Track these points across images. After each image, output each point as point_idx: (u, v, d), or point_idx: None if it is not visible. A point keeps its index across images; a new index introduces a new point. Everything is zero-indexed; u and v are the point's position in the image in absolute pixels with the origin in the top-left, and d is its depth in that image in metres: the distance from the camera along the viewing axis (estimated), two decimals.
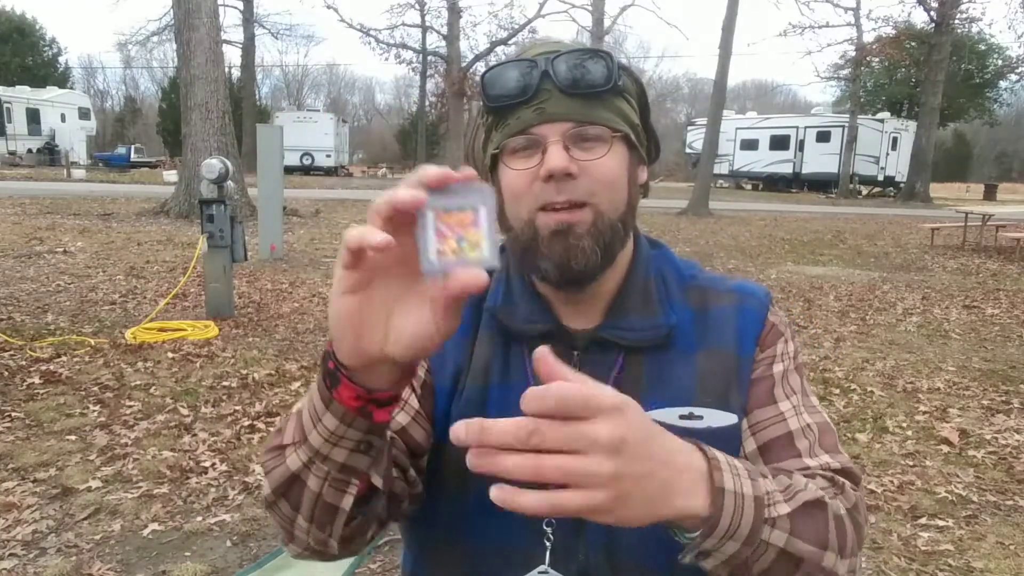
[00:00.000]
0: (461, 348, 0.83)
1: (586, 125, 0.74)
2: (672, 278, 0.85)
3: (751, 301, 0.84)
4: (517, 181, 0.75)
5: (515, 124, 0.75)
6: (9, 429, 3.32)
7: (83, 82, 57.55)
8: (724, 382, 0.79)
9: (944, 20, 24.69)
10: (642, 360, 0.80)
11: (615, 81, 0.74)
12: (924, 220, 16.32)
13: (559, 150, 0.72)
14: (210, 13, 11.59)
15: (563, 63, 0.73)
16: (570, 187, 0.73)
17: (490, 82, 0.76)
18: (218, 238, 5.41)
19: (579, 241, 0.73)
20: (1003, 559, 2.49)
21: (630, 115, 0.77)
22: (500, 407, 0.79)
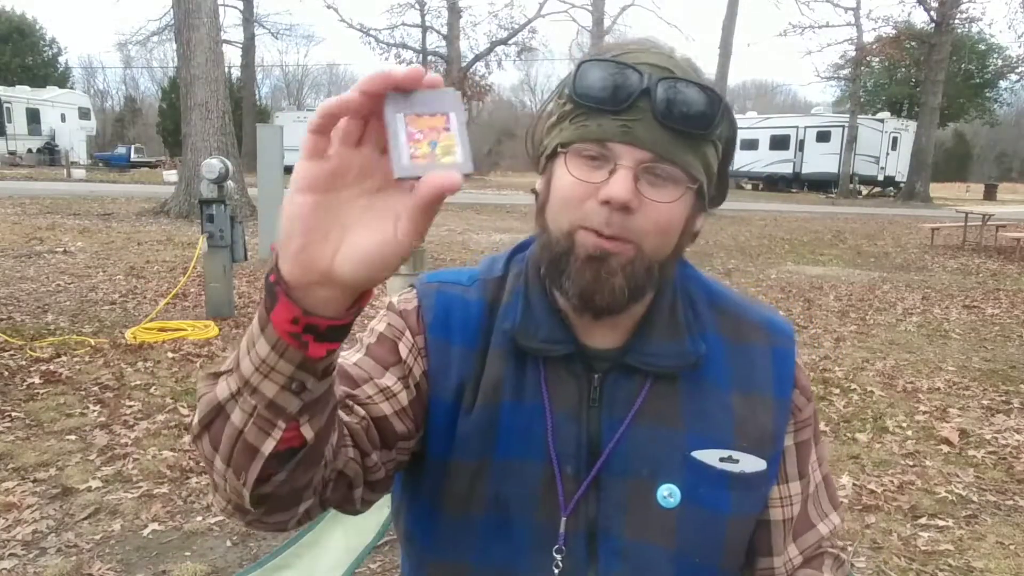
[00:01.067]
0: (468, 362, 0.78)
1: (666, 163, 0.68)
2: (701, 299, 0.82)
3: (782, 341, 0.82)
4: (572, 189, 0.70)
5: (594, 130, 0.68)
6: (9, 429, 3.32)
7: (83, 82, 57.62)
8: (761, 429, 0.78)
9: (944, 20, 24.69)
10: (675, 390, 0.77)
11: (714, 132, 0.69)
12: (924, 220, 16.32)
13: (627, 179, 0.66)
14: (210, 13, 11.59)
15: (669, 88, 0.67)
16: (621, 222, 0.68)
17: (586, 74, 0.69)
18: (218, 238, 5.41)
19: (611, 277, 0.69)
20: (1003, 559, 2.49)
21: (712, 163, 0.72)
22: (511, 426, 0.76)
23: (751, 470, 0.76)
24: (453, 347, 0.78)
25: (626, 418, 0.75)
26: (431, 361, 0.78)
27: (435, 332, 0.79)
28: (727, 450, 0.76)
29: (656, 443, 0.75)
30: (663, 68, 0.68)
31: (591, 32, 29.20)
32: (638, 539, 0.74)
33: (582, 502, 0.75)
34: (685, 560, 0.75)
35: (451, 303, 0.80)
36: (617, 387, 0.76)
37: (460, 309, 0.80)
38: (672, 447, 0.75)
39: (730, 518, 0.76)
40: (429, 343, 0.78)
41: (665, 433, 0.75)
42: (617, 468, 0.75)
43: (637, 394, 0.76)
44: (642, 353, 0.76)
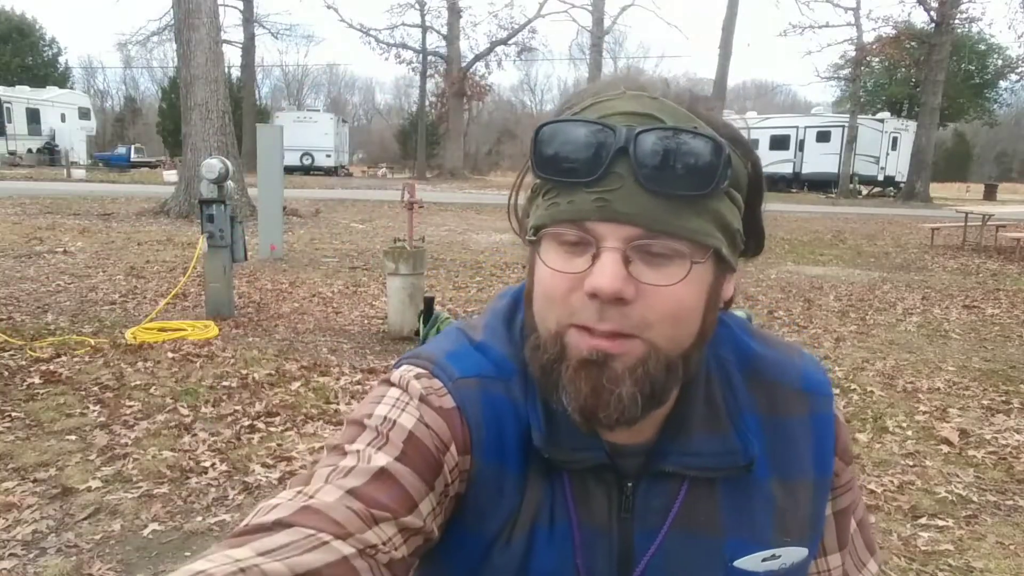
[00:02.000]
0: (517, 489, 0.63)
1: (660, 237, 0.54)
2: (735, 371, 0.67)
3: (823, 405, 0.70)
4: (551, 283, 0.57)
5: (566, 209, 0.55)
6: (9, 429, 3.32)
7: (83, 82, 57.57)
8: (801, 516, 0.68)
9: (944, 20, 24.69)
10: (715, 491, 0.65)
11: (716, 184, 0.54)
12: (924, 220, 16.32)
13: (615, 264, 0.53)
14: (210, 13, 11.59)
15: (651, 142, 0.53)
16: (618, 315, 0.54)
17: (545, 141, 0.56)
18: (218, 238, 5.41)
19: (615, 386, 0.55)
20: (1003, 559, 2.49)
21: (730, 219, 0.57)
22: (545, 552, 0.63)
23: (793, 560, 0.68)
24: (507, 474, 0.63)
25: (662, 528, 0.64)
26: (477, 491, 0.63)
27: (489, 457, 0.62)
28: (769, 549, 0.66)
29: (694, 552, 0.65)
30: (643, 116, 0.55)
31: (591, 32, 29.20)
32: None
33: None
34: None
35: (502, 414, 0.63)
36: (651, 495, 0.64)
37: (512, 421, 0.63)
38: (711, 556, 0.65)
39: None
40: (478, 469, 0.62)
41: (704, 541, 0.65)
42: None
43: (673, 500, 0.64)
44: (679, 454, 0.63)
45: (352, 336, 5.23)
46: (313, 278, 7.40)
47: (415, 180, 20.60)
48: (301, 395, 3.92)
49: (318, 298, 6.47)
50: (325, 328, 5.42)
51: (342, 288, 6.94)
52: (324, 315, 5.85)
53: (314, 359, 4.57)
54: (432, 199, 17.00)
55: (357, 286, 7.08)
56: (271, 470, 3.02)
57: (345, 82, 70.18)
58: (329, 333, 5.29)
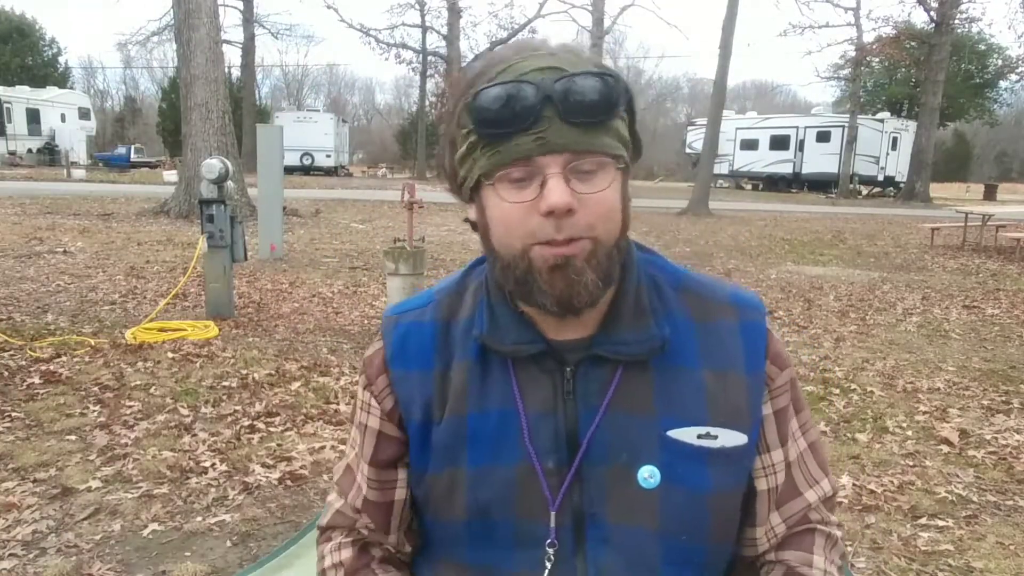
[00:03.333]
0: (428, 382, 0.82)
1: (587, 155, 0.69)
2: (665, 283, 0.82)
3: (751, 314, 0.82)
4: (511, 213, 0.70)
5: (511, 151, 0.69)
6: (9, 429, 3.32)
7: (83, 82, 57.56)
8: (734, 403, 0.78)
9: (944, 20, 24.69)
10: (647, 376, 0.77)
11: (619, 108, 0.70)
12: (924, 220, 16.32)
13: (560, 185, 0.68)
14: (210, 13, 11.59)
15: (566, 87, 0.67)
16: (569, 224, 0.69)
17: (483, 105, 0.68)
18: (218, 238, 5.41)
19: (580, 276, 0.70)
20: (1003, 559, 2.49)
21: (624, 133, 0.73)
22: (479, 435, 0.78)
23: (731, 444, 0.77)
24: (412, 373, 0.83)
25: (601, 406, 0.76)
26: (398, 395, 0.83)
27: (396, 365, 0.84)
28: (704, 427, 0.76)
29: (632, 428, 0.76)
30: (553, 69, 0.69)
31: (591, 32, 29.19)
32: (622, 523, 0.76)
33: (567, 494, 0.76)
34: (671, 539, 0.76)
35: (407, 332, 0.85)
36: (589, 378, 0.77)
37: (416, 335, 0.84)
38: (648, 430, 0.76)
39: (712, 494, 0.76)
40: (393, 378, 0.84)
41: (640, 418, 0.76)
42: (597, 457, 0.76)
43: (609, 382, 0.77)
44: (610, 342, 0.76)
45: (352, 336, 5.23)
46: (313, 278, 7.40)
47: (415, 180, 20.59)
48: (301, 395, 3.92)
49: (318, 298, 6.47)
50: (325, 328, 5.42)
51: (342, 288, 6.94)
52: (324, 315, 5.85)
53: (314, 359, 4.57)
54: (432, 199, 16.96)
55: (357, 286, 7.08)
56: (271, 470, 3.02)
57: (345, 82, 70.22)
58: (329, 333, 5.29)
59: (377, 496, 0.85)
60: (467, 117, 0.71)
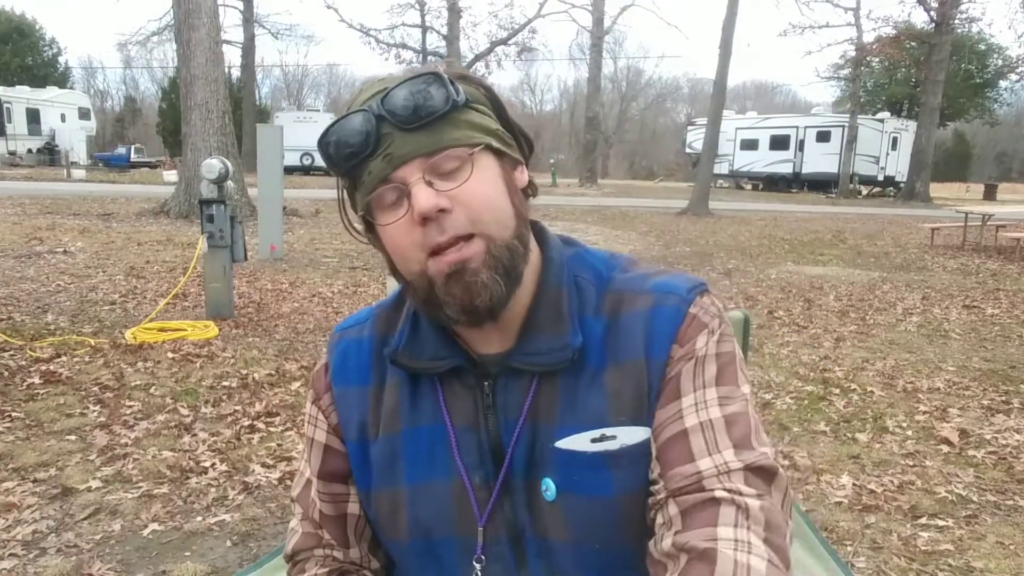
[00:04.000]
0: (365, 399, 0.82)
1: (439, 152, 0.69)
2: (589, 283, 0.78)
3: (668, 299, 0.75)
4: (395, 235, 0.71)
5: (369, 180, 0.70)
6: (9, 429, 3.32)
7: (83, 82, 57.57)
8: (636, 395, 0.73)
9: (944, 20, 24.69)
10: (556, 384, 0.75)
11: (453, 99, 0.69)
12: (924, 220, 16.32)
13: (423, 189, 0.68)
14: (210, 13, 11.59)
15: (394, 99, 0.68)
16: (450, 221, 0.68)
17: (330, 145, 0.71)
18: (218, 238, 5.41)
19: (476, 277, 0.69)
20: (1003, 559, 2.49)
21: (486, 124, 0.72)
22: (414, 451, 0.79)
23: (633, 441, 0.72)
24: (351, 389, 0.83)
25: (519, 419, 0.75)
26: (340, 412, 0.84)
27: (337, 383, 0.85)
28: (598, 429, 0.72)
29: (539, 440, 0.75)
30: (379, 91, 0.70)
31: (591, 32, 29.20)
32: (544, 537, 0.75)
33: (497, 508, 0.76)
34: (585, 548, 0.74)
35: (348, 349, 0.86)
36: (508, 391, 0.76)
37: (355, 352, 0.85)
38: (548, 441, 0.74)
39: (616, 497, 0.73)
40: (335, 395, 0.84)
41: (544, 429, 0.75)
42: (518, 470, 0.75)
43: (526, 395, 0.75)
44: (525, 353, 0.75)
45: None
46: (313, 278, 7.40)
47: None
48: (301, 395, 3.92)
49: (318, 298, 6.47)
50: (325, 328, 5.42)
51: (342, 288, 6.94)
52: (324, 315, 5.85)
53: (314, 359, 4.57)
54: None
55: (357, 286, 7.08)
56: (271, 470, 3.02)
57: (345, 82, 70.21)
58: (329, 333, 5.27)
59: (331, 510, 0.85)
60: (329, 166, 0.73)
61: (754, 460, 0.67)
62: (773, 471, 0.68)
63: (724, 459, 0.67)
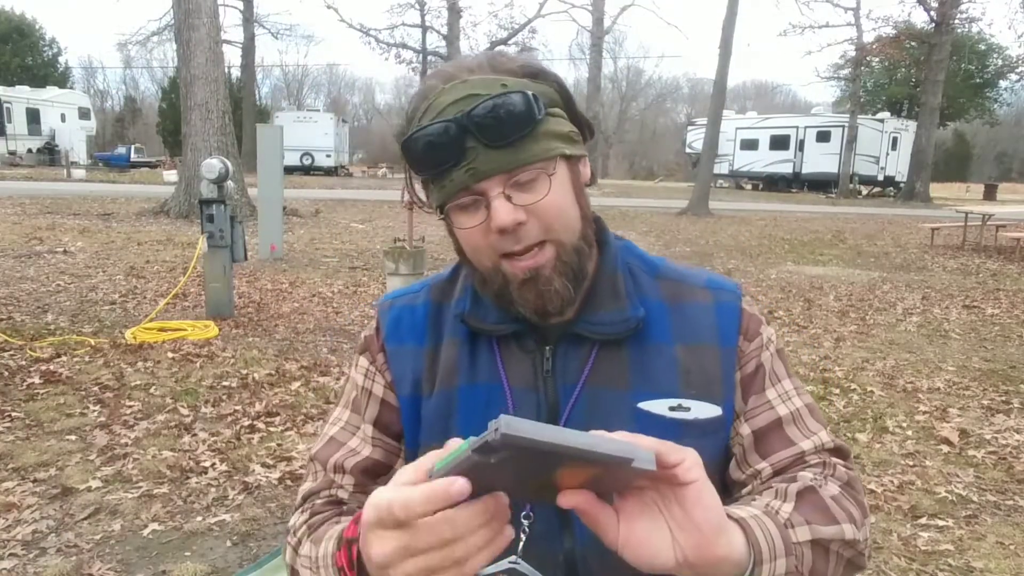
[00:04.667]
0: (420, 358, 0.86)
1: (520, 171, 0.72)
2: (640, 270, 0.86)
3: (725, 295, 0.85)
4: (470, 237, 0.76)
5: (450, 188, 0.73)
6: (9, 429, 3.32)
7: (83, 82, 57.56)
8: (708, 375, 0.80)
9: (944, 20, 24.68)
10: (623, 353, 0.81)
11: (536, 118, 0.71)
12: (924, 220, 16.32)
13: (503, 204, 0.72)
14: (210, 13, 11.59)
15: (482, 115, 0.70)
16: (525, 233, 0.73)
17: (411, 152, 0.74)
18: (218, 238, 5.41)
19: (549, 285, 0.75)
20: (1003, 559, 2.49)
21: (560, 128, 0.75)
22: (470, 406, 0.82)
23: (705, 416, 0.79)
24: (405, 348, 0.88)
25: (578, 383, 0.80)
26: (393, 370, 0.88)
27: (391, 342, 0.89)
28: (675, 399, 0.79)
29: (607, 402, 0.79)
30: (465, 98, 0.72)
31: (591, 32, 29.20)
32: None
33: None
34: None
35: (401, 313, 0.90)
36: (568, 356, 0.81)
37: (408, 316, 0.89)
38: (622, 403, 0.79)
39: None
40: (388, 354, 0.88)
41: (614, 392, 0.79)
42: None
43: (586, 361, 0.80)
44: (588, 323, 0.80)
45: (352, 336, 5.23)
46: (313, 278, 7.40)
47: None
48: (301, 395, 3.92)
49: (318, 298, 6.47)
50: (325, 328, 5.42)
51: (342, 288, 6.94)
52: (324, 315, 5.85)
53: (314, 359, 4.57)
54: None
55: (357, 286, 7.08)
56: (271, 470, 3.02)
57: (345, 82, 70.25)
58: (329, 333, 5.29)
59: (382, 456, 0.86)
60: (408, 168, 0.77)
61: (836, 442, 0.81)
62: (848, 453, 0.82)
63: (821, 439, 0.80)
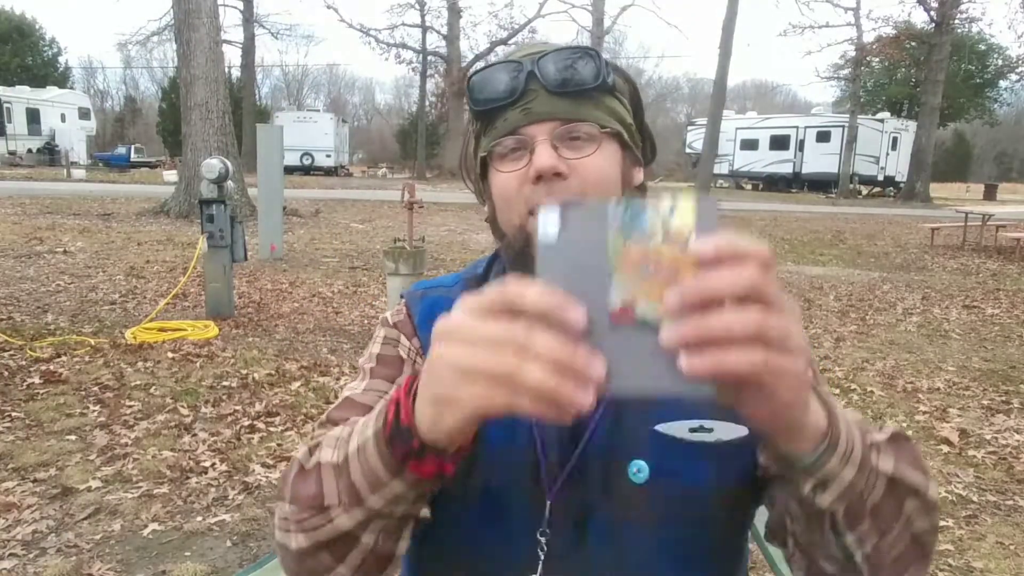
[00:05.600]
0: None
1: (574, 123, 0.72)
2: None
3: None
4: (507, 184, 0.74)
5: (502, 126, 0.74)
6: (9, 429, 3.32)
7: (83, 82, 57.57)
8: None
9: (944, 20, 24.69)
10: None
11: (603, 79, 0.72)
12: (924, 220, 16.32)
13: (547, 149, 0.71)
14: (210, 13, 11.59)
15: (550, 62, 0.72)
16: (561, 188, 0.71)
17: (476, 86, 0.75)
18: (218, 238, 5.41)
19: None
20: (1003, 559, 2.49)
21: (622, 114, 0.76)
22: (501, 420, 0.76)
23: (729, 436, 0.74)
24: None
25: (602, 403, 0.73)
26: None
27: (426, 331, 0.79)
28: (697, 420, 0.74)
29: (628, 424, 0.76)
30: (537, 52, 0.74)
31: (591, 32, 29.19)
32: (620, 520, 0.74)
33: (566, 486, 0.75)
34: (666, 535, 0.74)
35: (436, 303, 0.84)
36: None
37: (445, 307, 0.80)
38: (641, 425, 0.75)
39: (710, 487, 0.74)
40: (423, 343, 0.82)
41: (635, 414, 0.76)
42: (595, 452, 0.75)
43: None
44: None
45: (352, 336, 5.23)
46: (313, 278, 7.40)
47: (415, 180, 20.58)
48: (301, 395, 3.92)
49: (318, 298, 6.46)
50: (325, 328, 5.42)
51: (342, 288, 6.94)
52: (324, 315, 5.85)
53: (314, 359, 4.57)
54: (432, 199, 16.99)
55: (357, 286, 7.08)
56: (271, 470, 3.02)
57: (345, 82, 70.22)
58: (329, 333, 5.29)
59: None
60: (468, 102, 0.76)
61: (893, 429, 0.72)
62: (905, 434, 0.72)
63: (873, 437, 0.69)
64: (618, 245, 0.42)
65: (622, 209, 0.42)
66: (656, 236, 0.41)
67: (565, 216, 0.43)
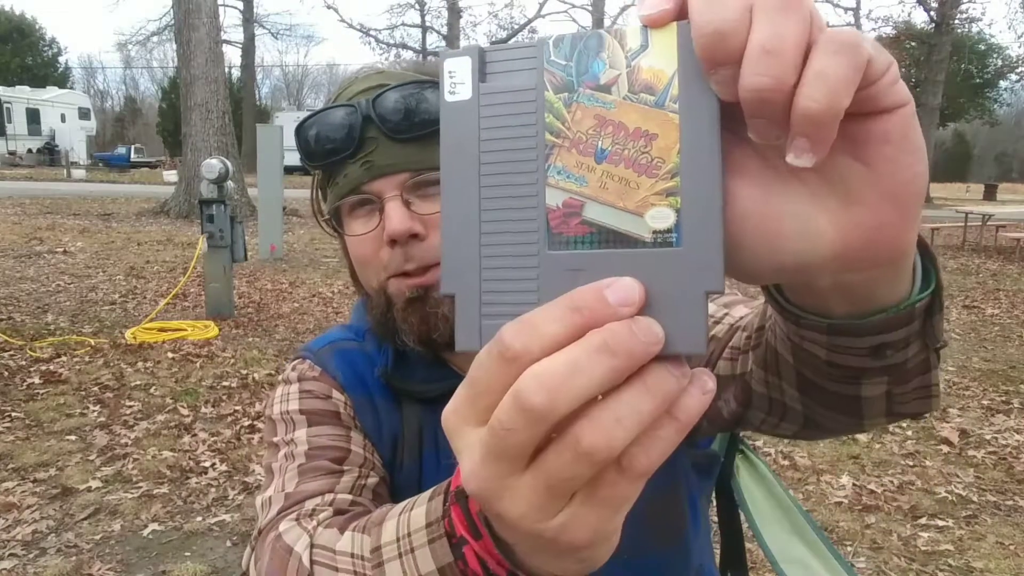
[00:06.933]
0: (393, 416, 0.71)
1: (424, 173, 0.62)
2: None
3: None
4: (359, 247, 0.66)
5: (344, 183, 0.64)
6: (9, 429, 3.32)
7: (83, 82, 57.66)
8: None
9: (944, 20, 24.69)
10: None
11: None
12: (924, 220, 16.28)
13: (397, 208, 0.62)
14: (210, 13, 11.60)
15: (385, 103, 0.62)
16: (420, 250, 0.62)
17: (306, 138, 0.64)
18: (218, 238, 5.41)
19: (437, 308, 0.63)
20: (1003, 559, 2.49)
21: None
22: (433, 477, 0.65)
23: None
24: (376, 402, 0.72)
25: None
26: (364, 423, 0.71)
27: (355, 391, 0.72)
28: None
29: None
30: (374, 87, 0.64)
31: None
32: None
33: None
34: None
35: (354, 359, 0.73)
36: None
37: (365, 363, 0.73)
38: None
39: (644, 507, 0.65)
40: (355, 403, 0.71)
41: None
42: None
43: None
44: None
45: None
46: (313, 278, 7.40)
47: None
48: None
49: (318, 298, 6.47)
50: (325, 328, 5.41)
51: (342, 288, 6.94)
52: (324, 315, 5.85)
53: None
54: None
55: None
56: None
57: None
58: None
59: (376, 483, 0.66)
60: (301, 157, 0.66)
61: None
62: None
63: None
64: (559, 109, 0.27)
65: (564, 51, 0.27)
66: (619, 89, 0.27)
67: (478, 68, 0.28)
